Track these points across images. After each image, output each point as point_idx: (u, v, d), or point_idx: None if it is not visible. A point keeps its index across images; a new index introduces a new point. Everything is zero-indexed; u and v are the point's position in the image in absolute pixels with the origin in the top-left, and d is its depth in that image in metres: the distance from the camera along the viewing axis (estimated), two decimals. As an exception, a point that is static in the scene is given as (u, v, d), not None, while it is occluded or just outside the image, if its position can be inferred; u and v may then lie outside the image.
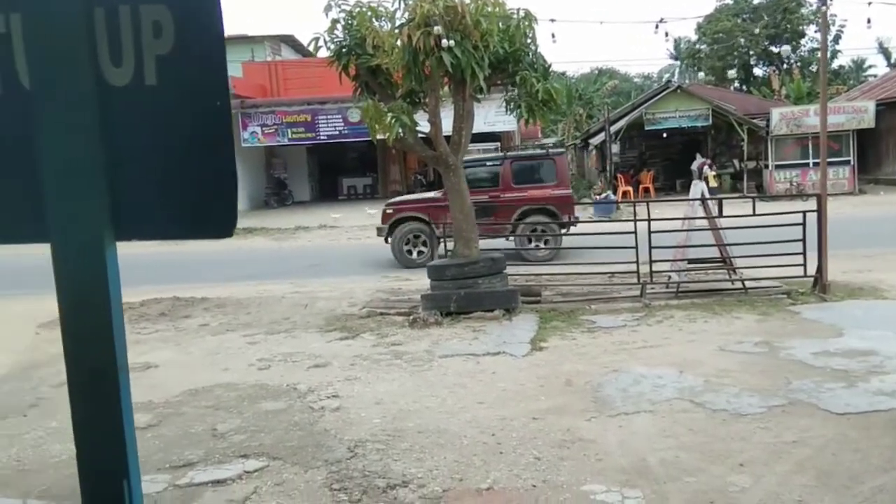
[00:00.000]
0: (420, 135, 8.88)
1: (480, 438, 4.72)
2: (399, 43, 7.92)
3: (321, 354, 7.06)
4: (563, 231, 13.02)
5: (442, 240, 11.35)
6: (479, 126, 13.18)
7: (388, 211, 13.83)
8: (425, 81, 8.27)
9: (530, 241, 13.52)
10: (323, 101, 24.52)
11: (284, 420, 5.21)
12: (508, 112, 9.25)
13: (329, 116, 24.87)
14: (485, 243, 10.64)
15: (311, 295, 10.47)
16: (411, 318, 8.25)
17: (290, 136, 25.20)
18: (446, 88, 8.81)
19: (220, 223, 1.76)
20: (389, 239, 13.57)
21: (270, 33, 31.56)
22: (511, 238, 13.67)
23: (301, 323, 8.61)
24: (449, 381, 5.99)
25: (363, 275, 12.50)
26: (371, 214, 20.06)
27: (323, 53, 8.91)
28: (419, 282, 10.07)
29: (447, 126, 8.80)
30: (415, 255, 13.44)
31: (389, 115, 8.29)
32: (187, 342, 7.84)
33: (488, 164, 14.29)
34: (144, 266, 11.70)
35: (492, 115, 21.47)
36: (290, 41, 33.09)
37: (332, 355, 7.00)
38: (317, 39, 8.70)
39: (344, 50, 8.59)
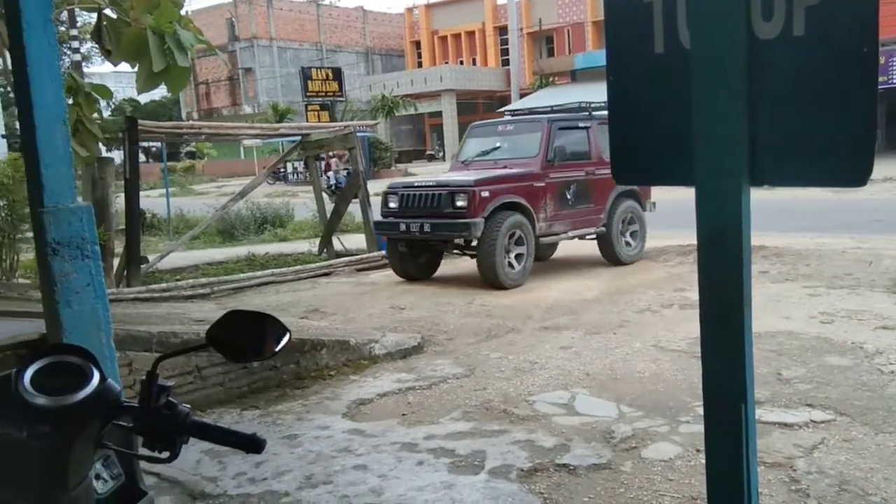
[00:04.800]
0: None
1: None
2: None
3: (890, 316, 6.29)
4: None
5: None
6: None
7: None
8: None
9: (622, 234, 9.85)
10: (899, 43, 21.42)
11: (850, 378, 4.81)
12: None
13: (906, 59, 21.63)
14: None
15: (875, 252, 9.36)
16: None
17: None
18: None
19: (854, 172, 1.66)
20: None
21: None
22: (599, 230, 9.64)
23: (865, 281, 7.78)
24: None
25: (938, 235, 10.70)
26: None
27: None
28: None
29: None
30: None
31: None
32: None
33: (580, 125, 9.63)
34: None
35: None
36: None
37: (905, 318, 6.20)
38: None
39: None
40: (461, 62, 45.20)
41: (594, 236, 9.75)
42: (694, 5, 1.72)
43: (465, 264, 8.89)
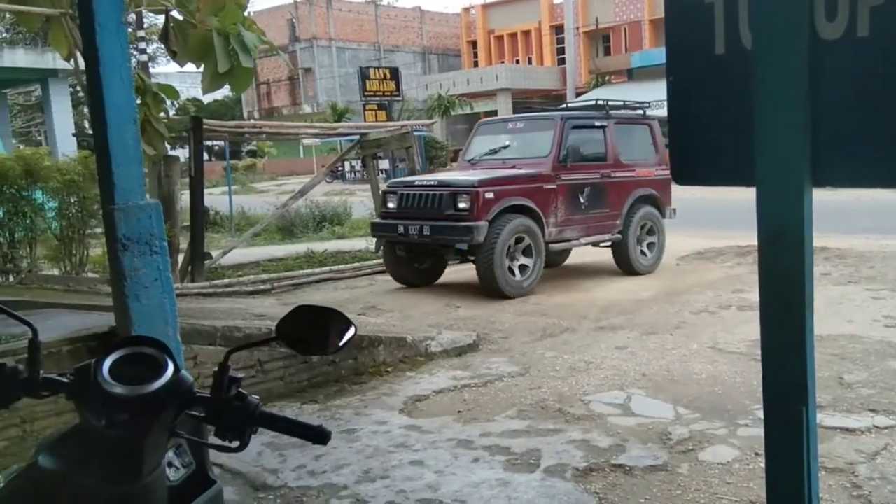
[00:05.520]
0: None
1: None
2: None
3: (962, 320, 6.07)
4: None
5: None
6: None
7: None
8: None
9: (638, 242, 9.12)
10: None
11: (917, 382, 4.66)
12: None
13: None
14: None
15: (944, 254, 9.04)
16: None
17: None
18: None
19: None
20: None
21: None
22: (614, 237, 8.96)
23: (936, 284, 7.51)
24: None
25: None
26: None
27: None
28: None
29: None
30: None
31: None
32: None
33: (596, 124, 9.01)
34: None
35: None
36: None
37: (977, 323, 5.96)
38: None
39: None
40: (517, 61, 44.97)
41: (609, 243, 9.18)
42: (756, 6, 1.70)
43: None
